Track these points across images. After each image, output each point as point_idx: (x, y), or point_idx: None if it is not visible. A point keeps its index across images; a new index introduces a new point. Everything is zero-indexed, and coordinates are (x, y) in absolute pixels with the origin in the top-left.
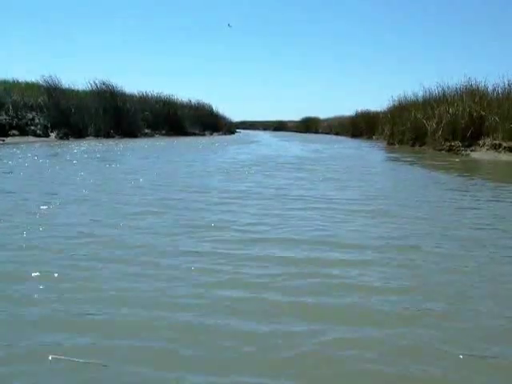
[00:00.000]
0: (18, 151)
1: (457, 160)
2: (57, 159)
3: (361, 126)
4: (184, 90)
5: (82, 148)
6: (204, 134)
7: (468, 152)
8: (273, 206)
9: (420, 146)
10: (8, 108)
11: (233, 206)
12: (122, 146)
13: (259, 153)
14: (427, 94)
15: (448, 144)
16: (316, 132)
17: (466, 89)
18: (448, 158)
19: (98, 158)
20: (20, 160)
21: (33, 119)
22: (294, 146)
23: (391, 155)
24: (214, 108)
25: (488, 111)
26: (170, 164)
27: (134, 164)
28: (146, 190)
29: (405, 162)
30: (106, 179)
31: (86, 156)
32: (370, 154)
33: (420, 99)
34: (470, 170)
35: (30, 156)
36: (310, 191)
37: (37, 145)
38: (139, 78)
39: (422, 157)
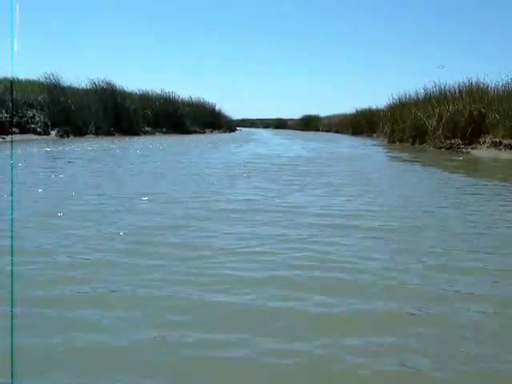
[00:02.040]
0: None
1: (460, 158)
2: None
3: (361, 124)
4: (185, 88)
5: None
6: (204, 132)
7: (468, 150)
8: (283, 226)
9: (420, 144)
10: (8, 106)
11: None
12: (125, 145)
13: (259, 152)
14: (427, 92)
15: (448, 142)
16: (316, 130)
17: (466, 87)
18: (452, 157)
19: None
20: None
21: (33, 117)
22: (295, 144)
23: (396, 155)
24: (214, 106)
25: (488, 109)
26: (161, 165)
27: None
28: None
29: (411, 162)
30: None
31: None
32: (374, 153)
33: (420, 97)
34: (479, 170)
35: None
36: (325, 203)
37: (37, 143)
38: (140, 76)
39: (426, 156)
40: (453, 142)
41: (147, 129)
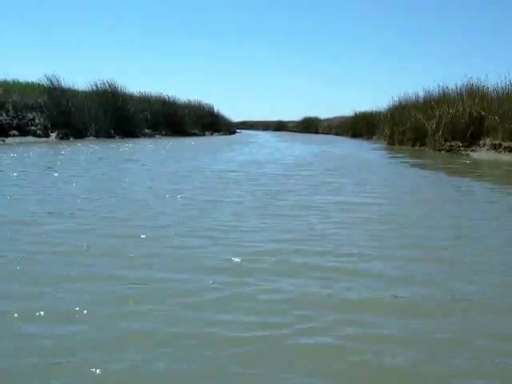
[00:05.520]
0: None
1: (467, 162)
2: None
3: (361, 126)
4: (184, 90)
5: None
6: (204, 135)
7: (468, 152)
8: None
9: (420, 146)
10: (8, 108)
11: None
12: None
13: (260, 158)
14: (427, 94)
15: (448, 144)
16: (316, 132)
17: (466, 89)
18: (457, 160)
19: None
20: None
21: (33, 119)
22: (296, 148)
23: (401, 160)
24: (214, 108)
25: (488, 111)
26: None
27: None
28: None
29: (417, 165)
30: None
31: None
32: (377, 156)
33: (420, 99)
34: (494, 175)
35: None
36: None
37: (40, 145)
38: (139, 77)
39: (430, 159)
40: (452, 144)
41: (147, 131)
